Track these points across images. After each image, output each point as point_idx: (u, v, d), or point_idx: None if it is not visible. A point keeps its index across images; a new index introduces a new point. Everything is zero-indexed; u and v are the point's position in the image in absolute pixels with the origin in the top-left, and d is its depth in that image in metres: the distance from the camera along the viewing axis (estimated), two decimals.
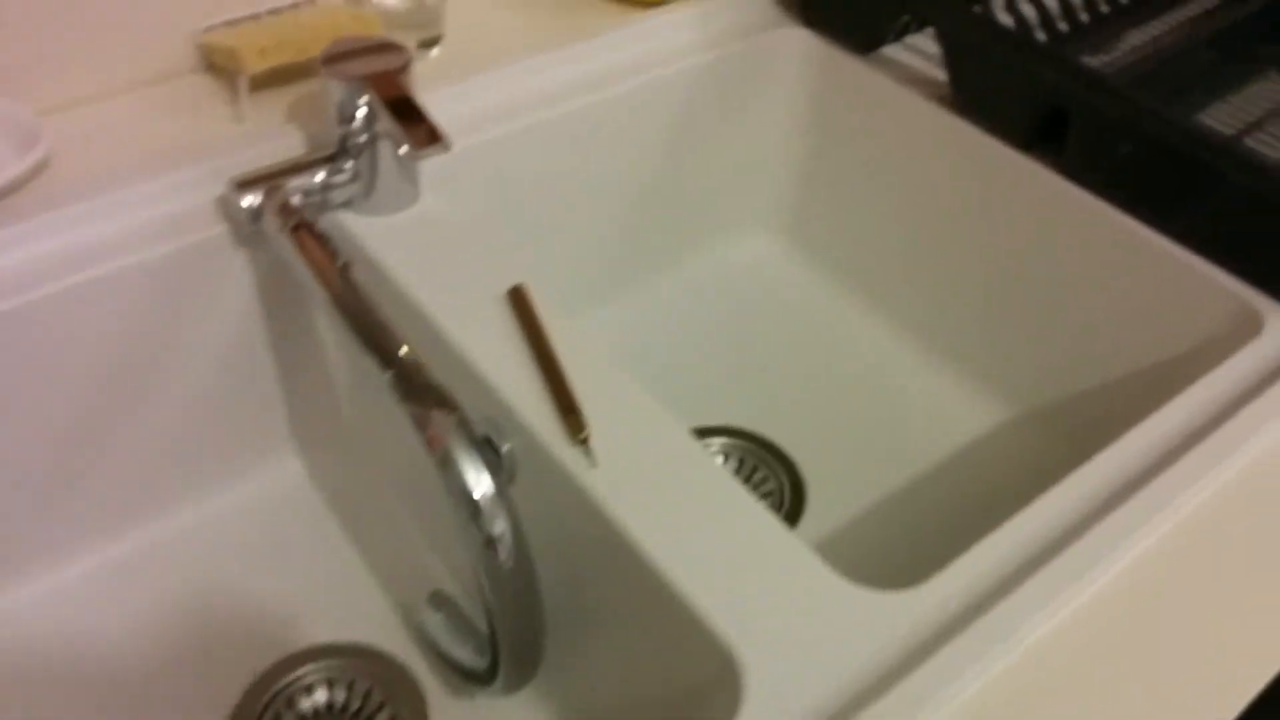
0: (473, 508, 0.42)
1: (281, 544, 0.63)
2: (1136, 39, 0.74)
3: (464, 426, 0.43)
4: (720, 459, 0.69)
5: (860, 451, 0.70)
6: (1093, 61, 0.71)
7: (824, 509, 0.67)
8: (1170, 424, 0.50)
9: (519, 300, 0.52)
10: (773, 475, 0.69)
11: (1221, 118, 0.69)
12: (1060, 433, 0.68)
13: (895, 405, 0.72)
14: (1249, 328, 0.55)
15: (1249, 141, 0.66)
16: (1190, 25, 0.76)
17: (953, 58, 0.66)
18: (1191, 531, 0.46)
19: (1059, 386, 0.68)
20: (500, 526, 0.43)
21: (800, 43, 0.73)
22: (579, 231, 0.72)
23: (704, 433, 0.70)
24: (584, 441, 0.46)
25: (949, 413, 0.72)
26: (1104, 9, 0.75)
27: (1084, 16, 0.74)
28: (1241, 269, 0.57)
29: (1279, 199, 0.53)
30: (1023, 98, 0.63)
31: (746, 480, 0.68)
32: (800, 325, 0.78)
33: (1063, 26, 0.72)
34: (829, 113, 0.75)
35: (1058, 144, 0.63)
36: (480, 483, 0.42)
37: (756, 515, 0.43)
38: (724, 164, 0.77)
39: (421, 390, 0.44)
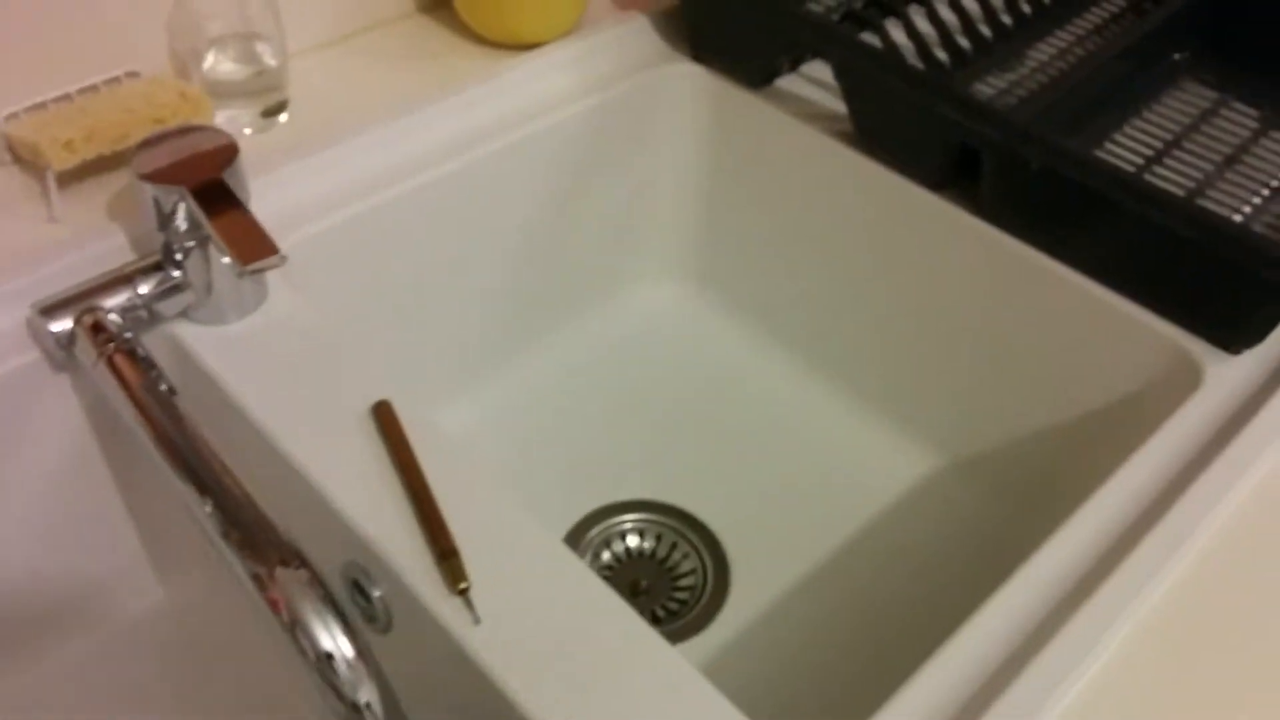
0: (332, 675, 0.36)
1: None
2: (1045, 52, 0.70)
3: (314, 584, 0.37)
4: (636, 539, 0.63)
5: (786, 517, 0.65)
6: (1000, 82, 0.67)
7: (750, 587, 0.61)
8: (1121, 496, 0.46)
9: (384, 417, 0.45)
10: (694, 552, 0.63)
11: (1140, 136, 0.65)
12: (994, 486, 0.64)
13: (822, 463, 0.67)
14: (1187, 378, 0.51)
15: (1173, 161, 0.63)
16: (1099, 34, 0.72)
17: (850, 94, 0.61)
18: (1164, 627, 0.42)
19: (990, 437, 0.63)
20: (366, 694, 0.37)
21: (691, 79, 0.68)
22: (467, 300, 0.65)
23: (618, 509, 0.65)
24: (464, 592, 0.40)
25: (878, 468, 0.67)
26: (1007, 21, 0.71)
27: (986, 31, 0.69)
28: (1174, 313, 0.53)
29: (1195, 237, 0.49)
30: (929, 135, 0.58)
31: (665, 560, 0.63)
32: (715, 379, 0.72)
33: (964, 43, 0.68)
34: (728, 152, 0.69)
35: (975, 182, 0.58)
36: (340, 646, 0.36)
37: (664, 661, 0.38)
38: (622, 211, 0.71)
39: (260, 541, 0.38)
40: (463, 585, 0.39)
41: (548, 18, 0.65)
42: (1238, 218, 0.58)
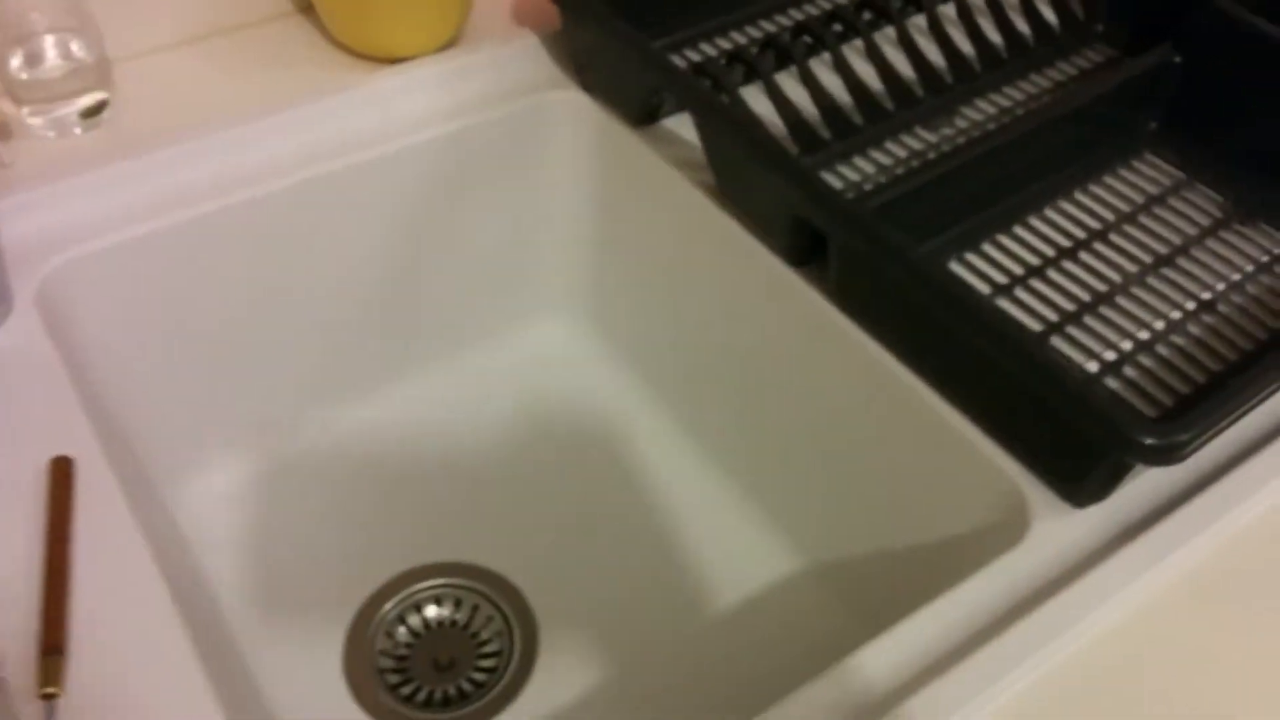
0: None
1: None
2: (985, 110, 0.61)
3: None
4: (433, 606, 0.58)
5: (617, 591, 0.58)
6: (913, 142, 0.58)
7: (556, 672, 0.55)
8: (917, 644, 0.39)
9: (58, 476, 0.41)
10: (505, 629, 0.57)
11: (1076, 215, 0.56)
12: (843, 595, 0.56)
13: (670, 540, 0.60)
14: (1016, 525, 0.43)
15: (1097, 252, 0.53)
16: (1056, 92, 0.62)
17: (707, 152, 0.54)
18: None
19: (846, 544, 0.56)
20: None
21: (576, 108, 0.61)
22: (293, 337, 0.60)
23: (426, 572, 0.59)
24: (49, 697, 0.35)
25: (727, 553, 0.59)
26: (948, 80, 0.62)
27: (920, 92, 0.61)
28: (1019, 453, 0.44)
29: (1034, 386, 0.40)
30: (779, 208, 0.50)
31: (466, 628, 0.57)
32: (580, 434, 0.66)
33: (887, 105, 0.60)
34: (613, 189, 0.63)
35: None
36: None
37: None
38: (498, 243, 0.65)
39: None
40: (50, 690, 0.35)
41: (415, 30, 0.59)
42: (1143, 334, 0.49)
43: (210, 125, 0.55)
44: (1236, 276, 0.52)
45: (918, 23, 0.65)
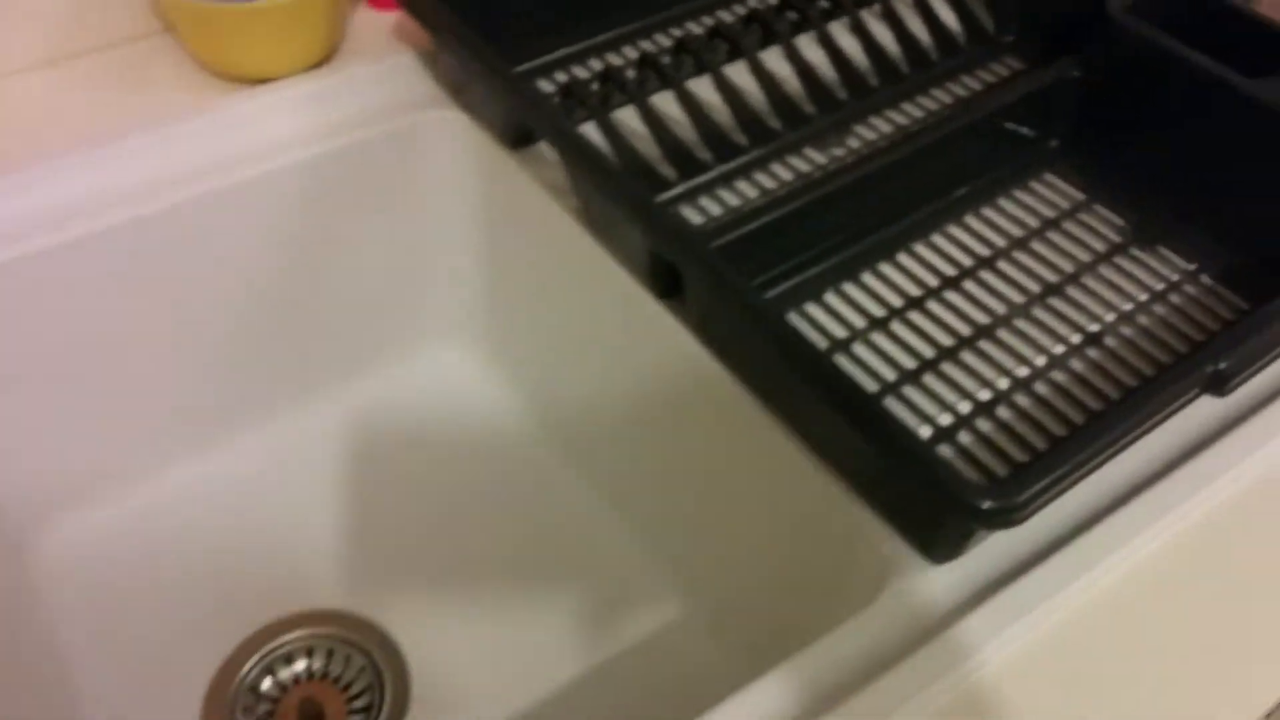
0: None
1: None
2: (880, 128, 0.58)
3: None
4: (302, 659, 0.55)
5: (491, 640, 0.56)
6: (801, 164, 0.55)
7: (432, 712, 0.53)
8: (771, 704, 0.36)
9: None
10: (376, 680, 0.55)
11: (964, 240, 0.53)
12: (726, 641, 0.54)
13: (556, 582, 0.58)
14: (874, 581, 0.40)
15: (981, 280, 0.51)
16: (957, 107, 0.59)
17: (570, 181, 0.51)
18: None
19: (726, 588, 0.53)
20: None
21: (454, 128, 0.58)
22: (148, 374, 0.57)
23: (295, 622, 0.56)
24: None
25: (614, 600, 0.57)
26: (842, 96, 0.59)
27: (810, 109, 0.58)
28: (874, 501, 0.41)
29: (872, 447, 0.38)
30: (634, 238, 0.48)
31: (336, 680, 0.55)
32: (467, 468, 0.63)
33: (775, 125, 0.57)
34: (492, 211, 0.60)
35: None
36: None
37: None
38: (381, 268, 0.62)
39: None
40: None
41: (279, 50, 0.56)
42: (1021, 371, 0.47)
43: (63, 151, 0.52)
44: (1128, 306, 0.50)
45: (809, 38, 0.61)
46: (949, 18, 0.63)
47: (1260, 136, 0.49)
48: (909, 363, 0.47)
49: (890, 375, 0.47)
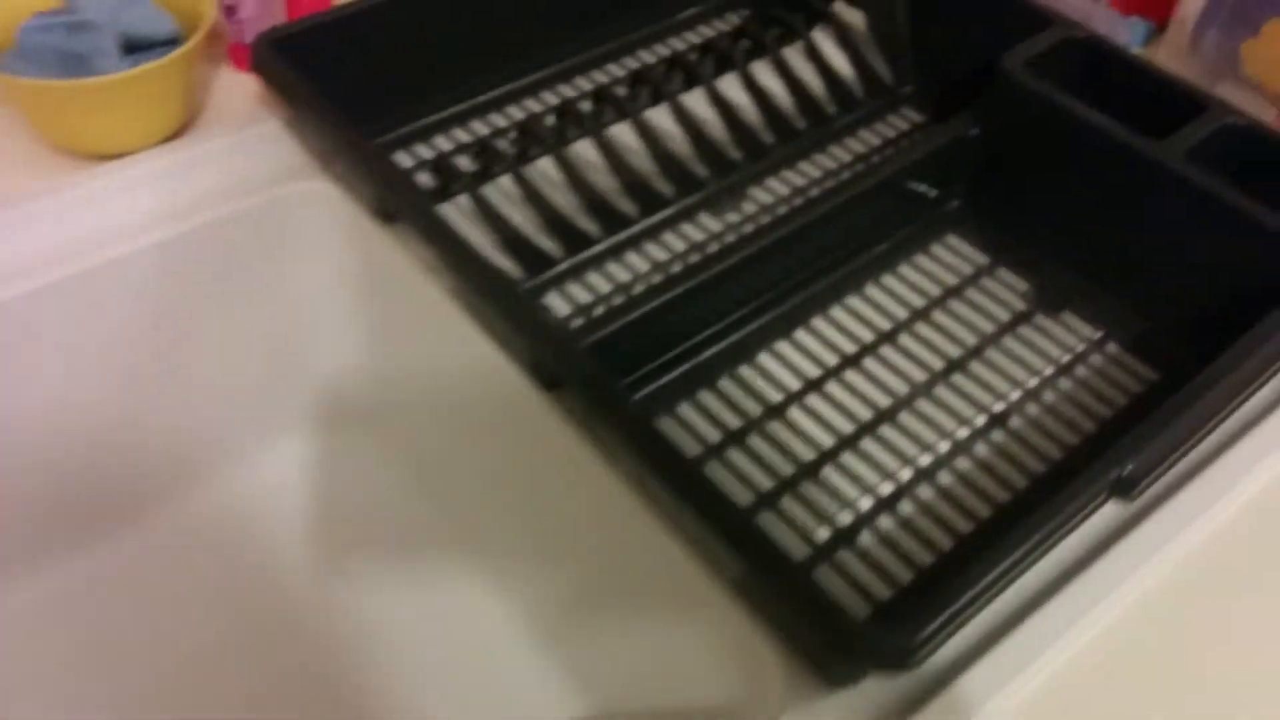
0: None
1: None
2: (777, 190, 0.56)
3: None
4: None
5: None
6: (695, 232, 0.52)
7: None
8: None
9: None
10: None
11: (864, 312, 0.50)
12: None
13: (447, 689, 0.54)
14: (770, 704, 0.37)
15: (881, 357, 0.48)
16: (855, 165, 0.57)
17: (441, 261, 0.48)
18: None
19: (626, 700, 0.50)
20: None
21: (322, 200, 0.54)
22: (12, 467, 0.53)
23: None
24: None
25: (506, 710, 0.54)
26: (735, 158, 0.56)
27: (703, 171, 0.55)
28: (763, 616, 0.38)
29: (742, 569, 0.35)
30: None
31: None
32: (350, 566, 0.59)
33: (665, 192, 0.54)
34: (367, 287, 0.56)
35: None
36: None
37: None
38: (249, 353, 0.58)
39: None
40: None
41: (128, 123, 0.52)
42: (924, 460, 0.44)
43: None
44: (1033, 382, 0.48)
45: (699, 94, 0.58)
46: (845, 69, 0.60)
47: (1160, 199, 0.47)
48: (807, 453, 0.45)
49: (784, 471, 0.44)
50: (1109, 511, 0.40)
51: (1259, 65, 0.59)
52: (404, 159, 0.56)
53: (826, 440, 0.45)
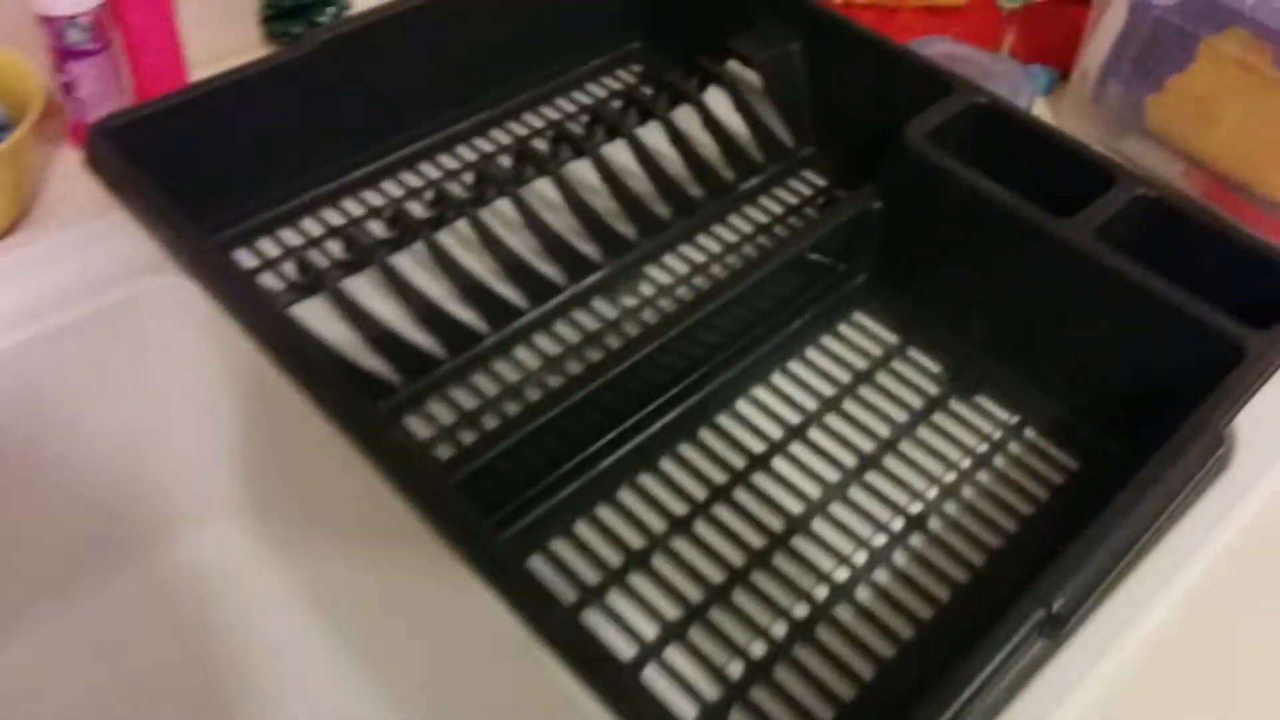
0: None
1: None
2: (677, 267, 0.52)
3: None
4: None
5: None
6: (588, 320, 0.48)
7: None
8: None
9: None
10: None
11: (769, 403, 0.47)
12: None
13: None
14: None
15: (776, 464, 0.45)
16: (757, 238, 0.54)
17: None
18: None
19: None
20: None
21: (178, 294, 0.49)
22: None
23: None
24: None
25: None
26: (631, 237, 0.53)
27: (595, 253, 0.51)
28: None
29: None
30: None
31: None
32: (247, 659, 0.54)
33: (556, 279, 0.50)
34: (236, 387, 0.51)
35: None
36: None
37: None
38: (114, 458, 0.53)
39: None
40: None
41: None
42: (820, 592, 0.41)
43: None
44: (950, 477, 0.45)
45: (585, 166, 0.53)
46: (742, 131, 0.57)
47: (1070, 279, 0.45)
48: (715, 574, 0.41)
49: (691, 596, 0.41)
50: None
51: (1163, 121, 0.58)
52: (270, 248, 0.51)
53: (736, 558, 0.42)
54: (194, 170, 0.47)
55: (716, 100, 0.57)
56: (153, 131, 0.45)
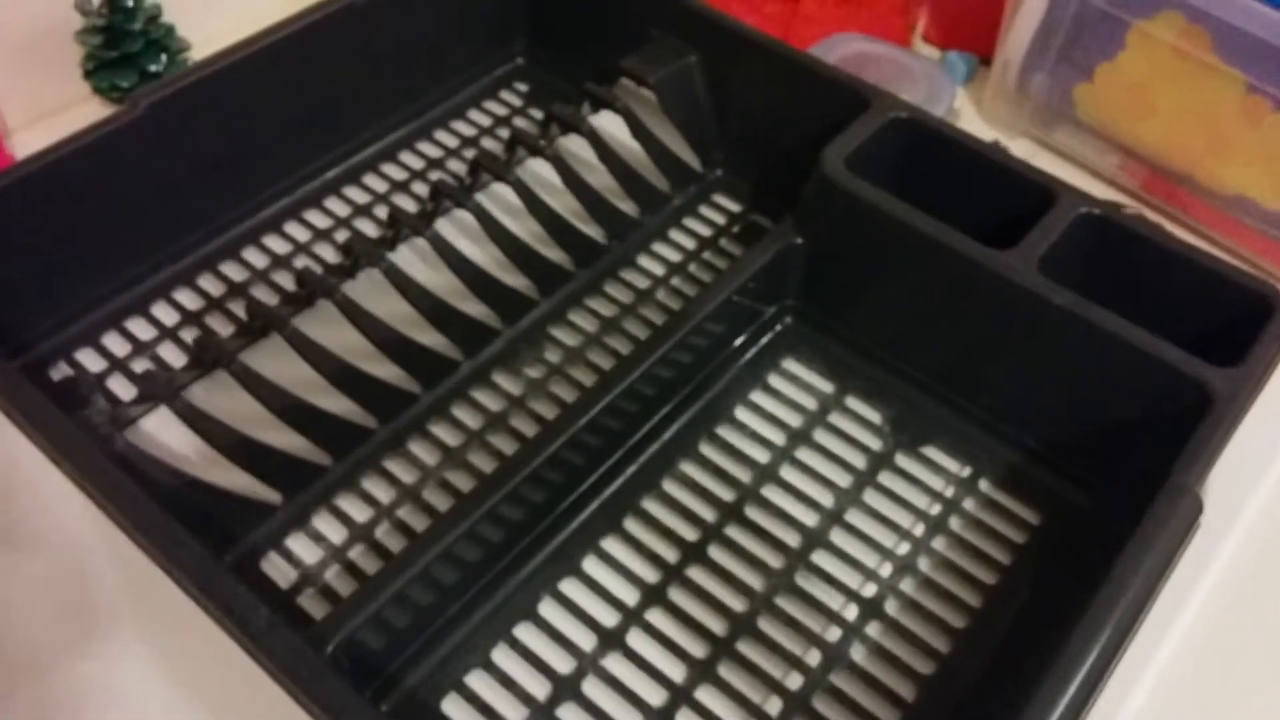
0: None
1: None
2: (585, 324, 0.47)
3: None
4: None
5: None
6: (488, 399, 0.43)
7: None
8: None
9: None
10: None
11: (693, 496, 0.43)
12: None
13: None
14: None
15: (720, 551, 0.40)
16: (669, 280, 0.49)
17: None
18: None
19: None
20: None
21: None
22: None
23: None
24: None
25: None
26: (533, 297, 0.47)
27: (491, 319, 0.45)
28: None
29: None
30: None
31: None
32: None
33: (453, 356, 0.44)
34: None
35: None
36: None
37: None
38: None
39: None
40: None
41: None
42: (772, 706, 0.36)
43: None
44: (904, 549, 0.41)
45: (462, 218, 0.47)
46: (641, 159, 0.51)
47: (1013, 314, 0.41)
48: (653, 695, 0.36)
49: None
50: None
51: (1095, 112, 0.53)
52: (113, 348, 0.44)
53: (676, 673, 0.37)
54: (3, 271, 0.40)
55: (611, 127, 0.51)
56: None
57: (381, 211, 0.51)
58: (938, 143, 0.45)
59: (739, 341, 0.46)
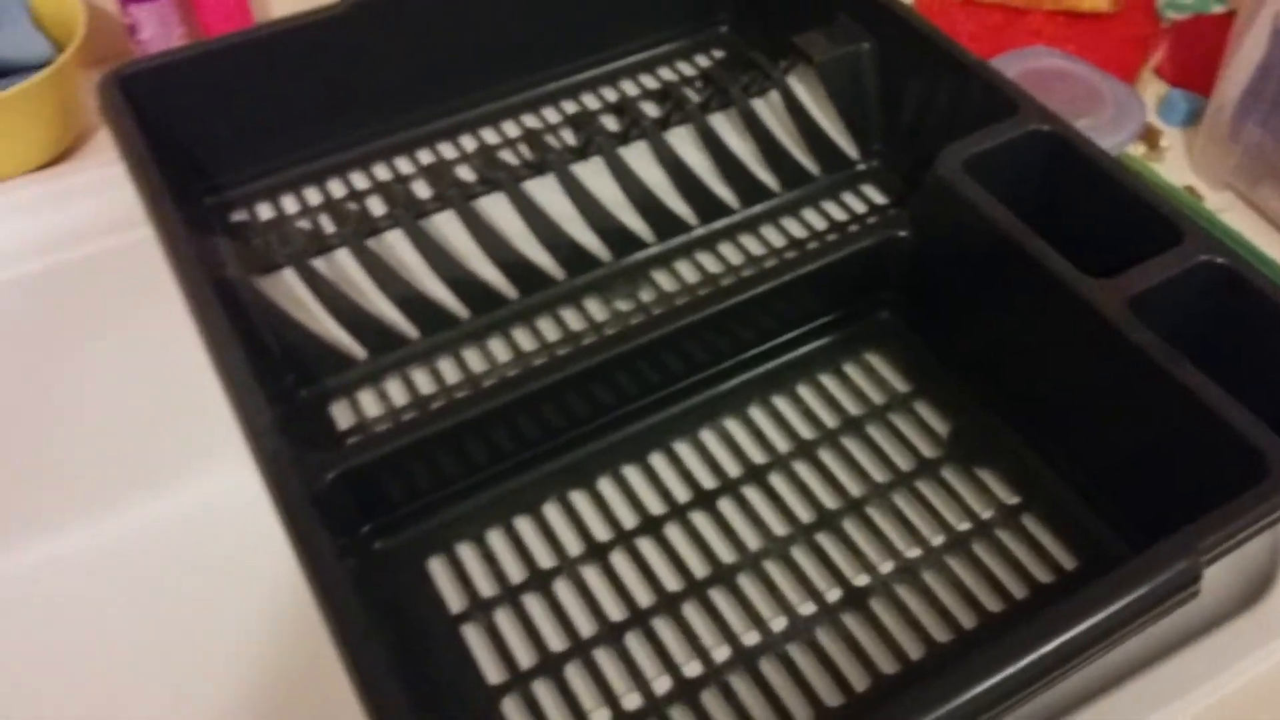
0: None
1: None
2: (686, 274, 0.49)
3: None
4: None
5: None
6: (575, 320, 0.46)
7: None
8: None
9: None
10: None
11: (753, 443, 0.43)
12: None
13: None
14: None
15: (728, 504, 0.41)
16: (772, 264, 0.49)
17: None
18: None
19: None
20: None
21: None
22: None
23: None
24: None
25: None
26: (649, 240, 0.49)
27: (603, 252, 0.48)
28: None
29: None
30: None
31: None
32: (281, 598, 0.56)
33: (551, 270, 0.47)
34: None
35: None
36: None
37: None
38: (148, 379, 0.56)
39: None
40: None
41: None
42: (689, 673, 0.37)
43: None
44: (915, 552, 0.39)
45: (593, 166, 0.50)
46: (796, 138, 0.52)
47: (1095, 349, 0.38)
48: (616, 611, 0.38)
49: (556, 645, 0.37)
50: None
51: None
52: (287, 206, 0.51)
53: (644, 598, 0.38)
54: (205, 125, 0.48)
55: (772, 104, 0.52)
56: (166, 83, 0.46)
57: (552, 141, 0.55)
58: (1074, 161, 0.43)
59: (826, 320, 0.46)
